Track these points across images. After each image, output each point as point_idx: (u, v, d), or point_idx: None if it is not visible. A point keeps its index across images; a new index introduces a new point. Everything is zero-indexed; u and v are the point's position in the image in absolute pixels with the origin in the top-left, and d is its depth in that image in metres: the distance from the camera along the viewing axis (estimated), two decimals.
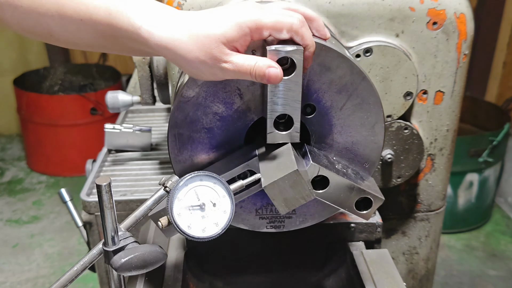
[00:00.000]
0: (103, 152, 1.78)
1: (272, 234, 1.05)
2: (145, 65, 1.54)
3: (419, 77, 1.24)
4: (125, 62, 4.80)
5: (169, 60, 0.84)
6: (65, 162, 4.13)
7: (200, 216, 0.84)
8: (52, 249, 3.37)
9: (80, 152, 4.02)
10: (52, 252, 3.34)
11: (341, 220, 1.27)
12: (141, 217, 0.91)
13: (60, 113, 3.95)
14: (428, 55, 1.22)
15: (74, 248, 3.37)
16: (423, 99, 1.27)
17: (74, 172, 4.12)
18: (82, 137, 4.04)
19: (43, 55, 4.73)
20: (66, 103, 3.97)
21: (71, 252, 3.34)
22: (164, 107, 2.14)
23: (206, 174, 0.85)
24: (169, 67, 1.23)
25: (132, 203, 1.48)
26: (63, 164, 4.14)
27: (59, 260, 3.27)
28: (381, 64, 1.19)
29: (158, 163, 1.70)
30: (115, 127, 1.75)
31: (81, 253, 3.31)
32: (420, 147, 1.31)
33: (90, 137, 3.99)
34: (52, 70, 4.46)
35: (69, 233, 3.51)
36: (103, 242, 0.86)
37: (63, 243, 3.42)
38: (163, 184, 0.88)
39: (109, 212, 0.82)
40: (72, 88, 4.41)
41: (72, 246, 3.40)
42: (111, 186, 0.80)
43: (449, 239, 3.42)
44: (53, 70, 4.46)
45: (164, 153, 1.79)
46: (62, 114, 3.95)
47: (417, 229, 1.49)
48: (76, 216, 1.53)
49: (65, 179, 4.17)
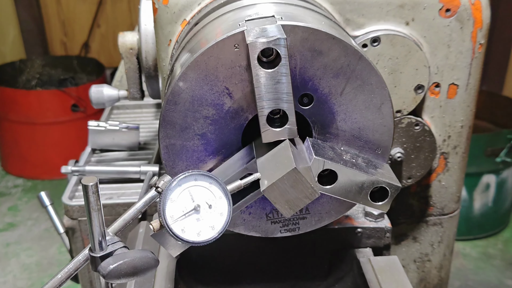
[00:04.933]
0: (86, 152, 1.78)
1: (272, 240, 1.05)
2: (133, 56, 1.54)
3: (431, 68, 1.25)
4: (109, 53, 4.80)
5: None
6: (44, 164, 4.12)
7: (194, 219, 0.85)
8: (29, 259, 3.37)
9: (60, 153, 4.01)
10: (29, 263, 3.34)
11: (347, 224, 1.28)
12: (131, 221, 0.92)
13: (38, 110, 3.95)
14: (440, 44, 1.23)
15: (54, 258, 3.37)
16: (436, 93, 1.29)
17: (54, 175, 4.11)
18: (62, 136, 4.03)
19: (19, 47, 4.72)
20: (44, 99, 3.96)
21: (51, 262, 3.34)
22: (154, 102, 2.15)
23: (201, 173, 0.86)
24: (159, 58, 1.24)
25: (119, 207, 1.49)
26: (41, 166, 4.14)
27: (37, 271, 3.27)
28: (389, 55, 1.20)
29: (146, 163, 1.71)
30: (100, 125, 1.76)
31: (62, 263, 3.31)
32: (432, 145, 1.32)
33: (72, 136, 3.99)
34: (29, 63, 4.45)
35: (48, 241, 3.51)
36: (89, 247, 0.87)
37: (42, 253, 3.42)
38: (154, 184, 0.89)
39: (96, 215, 0.83)
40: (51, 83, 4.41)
41: (52, 255, 3.40)
42: (98, 186, 0.81)
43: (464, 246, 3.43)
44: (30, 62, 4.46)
45: (153, 153, 1.79)
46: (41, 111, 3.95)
47: (429, 235, 1.50)
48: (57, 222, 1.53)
49: (44, 183, 4.17)
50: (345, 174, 0.93)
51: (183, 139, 0.94)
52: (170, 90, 0.91)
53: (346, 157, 0.97)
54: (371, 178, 0.94)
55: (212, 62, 0.90)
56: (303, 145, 0.97)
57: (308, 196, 0.87)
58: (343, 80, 0.94)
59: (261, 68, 0.86)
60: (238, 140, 0.97)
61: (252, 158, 0.94)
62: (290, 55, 0.89)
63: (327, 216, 1.04)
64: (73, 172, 1.65)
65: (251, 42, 0.84)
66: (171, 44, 1.21)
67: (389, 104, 0.97)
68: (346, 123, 0.97)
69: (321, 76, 0.93)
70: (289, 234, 1.04)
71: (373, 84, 0.95)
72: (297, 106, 0.94)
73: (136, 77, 1.58)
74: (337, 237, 1.27)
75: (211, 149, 0.96)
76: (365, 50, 1.19)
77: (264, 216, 1.02)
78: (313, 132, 0.98)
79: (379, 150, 1.00)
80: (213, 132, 0.95)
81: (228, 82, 0.91)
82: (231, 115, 0.94)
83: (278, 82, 0.86)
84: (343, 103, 0.96)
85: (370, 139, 0.99)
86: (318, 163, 0.92)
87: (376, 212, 1.29)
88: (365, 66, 0.93)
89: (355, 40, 1.14)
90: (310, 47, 0.90)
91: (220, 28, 0.96)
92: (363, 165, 0.96)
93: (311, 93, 0.95)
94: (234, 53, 0.89)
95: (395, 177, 0.97)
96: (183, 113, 0.92)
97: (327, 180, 0.94)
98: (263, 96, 0.87)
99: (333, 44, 0.91)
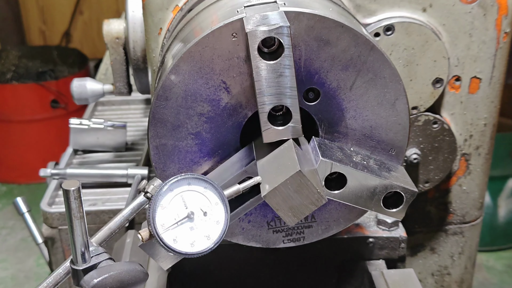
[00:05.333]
0: (68, 153, 1.78)
1: (274, 251, 1.06)
2: (119, 47, 1.54)
3: (450, 60, 1.25)
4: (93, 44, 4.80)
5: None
6: (20, 166, 4.12)
7: (188, 228, 0.85)
8: (4, 272, 3.37)
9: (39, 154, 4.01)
10: (4, 276, 3.34)
11: (357, 233, 1.28)
12: (117, 229, 0.92)
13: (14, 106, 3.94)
14: (461, 33, 1.23)
15: (31, 271, 3.37)
16: (456, 87, 1.29)
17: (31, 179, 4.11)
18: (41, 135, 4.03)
19: None
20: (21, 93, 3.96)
21: (28, 276, 3.33)
22: (142, 98, 2.15)
23: (195, 176, 0.86)
24: (148, 49, 1.24)
25: (103, 215, 1.49)
26: (18, 168, 4.13)
27: (13, 285, 3.27)
28: (405, 45, 1.20)
29: (134, 165, 1.70)
30: (82, 123, 1.76)
31: (40, 276, 3.31)
32: (452, 145, 1.32)
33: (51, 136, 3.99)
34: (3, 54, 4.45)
35: (25, 253, 3.51)
36: (70, 259, 0.86)
37: (18, 265, 3.42)
38: (143, 189, 0.89)
39: (78, 223, 0.82)
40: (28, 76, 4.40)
41: (29, 268, 3.40)
42: (80, 191, 0.80)
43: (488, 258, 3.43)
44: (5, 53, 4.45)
45: (142, 154, 1.79)
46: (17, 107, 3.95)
47: (448, 245, 1.50)
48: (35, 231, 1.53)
49: (21, 187, 4.17)
50: (355, 178, 0.93)
51: (175, 138, 0.94)
52: (160, 84, 0.91)
53: (357, 158, 0.97)
54: (384, 182, 0.94)
55: (207, 53, 0.89)
56: (308, 145, 0.97)
57: (314, 202, 0.87)
58: (353, 73, 0.94)
59: (261, 59, 0.86)
60: (236, 140, 0.97)
61: (252, 159, 0.94)
62: (294, 45, 0.89)
63: (335, 224, 1.04)
64: (52, 176, 1.64)
65: (251, 31, 0.84)
66: (162, 33, 1.21)
67: (404, 100, 0.97)
68: (356, 121, 0.97)
69: (329, 68, 0.93)
70: (293, 244, 1.04)
71: (386, 77, 0.95)
72: (302, 102, 0.94)
73: (123, 70, 1.58)
74: (346, 247, 1.27)
75: (206, 149, 0.96)
76: (378, 39, 1.19)
77: (265, 224, 1.02)
78: (320, 131, 0.98)
79: (393, 151, 1.00)
80: (209, 131, 0.94)
81: (225, 75, 0.91)
82: (228, 112, 0.94)
83: (281, 75, 0.86)
84: (353, 98, 0.96)
85: (383, 138, 0.99)
86: (325, 165, 0.92)
87: (389, 220, 1.29)
88: (378, 58, 0.93)
89: (366, 28, 1.14)
90: (317, 36, 0.90)
91: (216, 15, 0.96)
92: (375, 168, 0.96)
93: (317, 88, 0.94)
94: (231, 43, 0.89)
95: (410, 181, 0.97)
96: (175, 110, 0.92)
97: (335, 185, 0.94)
98: (264, 90, 0.87)
99: (342, 33, 0.91)
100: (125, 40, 1.52)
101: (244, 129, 0.97)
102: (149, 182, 0.89)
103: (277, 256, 1.21)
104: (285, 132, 0.90)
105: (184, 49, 0.90)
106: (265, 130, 0.90)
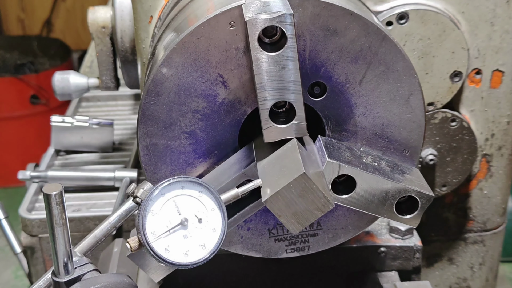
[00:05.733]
0: (49, 153, 1.78)
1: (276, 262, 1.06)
2: (105, 37, 1.55)
3: (470, 51, 1.25)
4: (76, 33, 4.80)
5: None
6: None
7: (181, 236, 0.85)
8: None
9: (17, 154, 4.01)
10: None
11: (367, 242, 1.28)
12: (103, 238, 0.92)
13: None
14: (482, 22, 1.23)
15: (9, 284, 3.37)
16: (476, 81, 1.29)
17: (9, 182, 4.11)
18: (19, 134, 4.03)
19: None
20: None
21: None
22: (131, 93, 2.15)
23: (189, 179, 0.86)
24: (137, 39, 1.25)
25: (88, 221, 1.49)
26: None
27: None
28: (420, 35, 1.21)
29: (122, 167, 1.71)
30: (65, 120, 1.76)
31: None
32: (472, 145, 1.32)
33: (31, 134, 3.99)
34: None
35: (2, 264, 3.51)
36: (52, 271, 0.86)
37: None
38: (132, 193, 0.89)
39: (60, 231, 0.83)
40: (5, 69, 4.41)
41: (6, 280, 3.40)
42: (63, 195, 0.81)
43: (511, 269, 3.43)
44: None
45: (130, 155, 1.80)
46: None
47: (468, 255, 1.50)
48: (13, 240, 1.53)
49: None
50: (365, 181, 0.93)
51: (167, 138, 0.95)
52: (151, 77, 0.91)
53: (367, 160, 0.97)
54: (397, 186, 0.94)
55: (203, 43, 0.90)
56: (314, 145, 0.98)
57: (320, 208, 0.88)
58: (363, 66, 0.94)
59: (262, 51, 0.86)
60: (235, 139, 0.97)
61: (252, 161, 0.94)
62: (298, 35, 0.89)
63: (343, 232, 1.04)
64: (32, 179, 1.65)
65: (250, 19, 0.84)
66: (153, 21, 1.22)
67: (419, 95, 0.97)
68: (366, 118, 0.98)
69: (336, 60, 0.93)
70: (297, 254, 1.04)
71: (399, 70, 0.95)
72: (307, 97, 0.94)
73: (110, 62, 1.58)
74: (356, 258, 1.27)
75: (202, 150, 0.96)
76: (390, 28, 1.19)
77: (266, 232, 1.03)
78: (326, 129, 0.98)
79: (406, 151, 1.00)
80: (204, 129, 0.95)
81: (222, 68, 0.91)
82: (225, 109, 0.94)
83: (284, 68, 0.86)
84: (362, 93, 0.96)
85: (396, 138, 0.99)
86: (333, 167, 0.92)
87: (403, 228, 1.29)
88: (390, 49, 0.93)
89: (377, 16, 1.15)
90: (323, 25, 0.91)
91: (212, 2, 0.96)
92: (387, 170, 0.97)
93: (323, 82, 0.95)
94: (229, 32, 0.89)
95: (426, 185, 0.97)
96: (167, 106, 0.93)
97: (344, 188, 0.94)
98: (265, 85, 0.87)
99: (351, 21, 0.91)
100: (112, 30, 1.53)
101: (243, 128, 0.97)
102: (138, 186, 0.89)
103: (279, 267, 1.21)
104: (288, 130, 0.91)
105: (177, 39, 0.90)
106: (266, 129, 0.90)
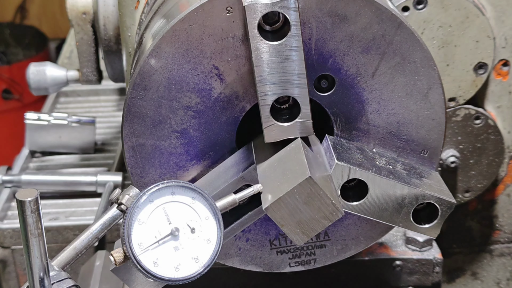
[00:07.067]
0: (23, 155, 1.78)
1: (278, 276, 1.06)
2: (86, 24, 1.54)
3: (496, 40, 1.25)
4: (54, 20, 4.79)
5: None
6: None
7: (172, 248, 0.85)
8: None
9: None
10: None
11: (381, 255, 1.28)
12: (84, 250, 0.92)
13: None
14: (510, 7, 1.23)
15: None
16: (503, 74, 1.29)
17: None
18: None
19: None
20: None
21: None
22: (115, 87, 2.15)
23: (180, 184, 0.86)
24: (122, 26, 1.24)
25: (67, 231, 1.49)
26: None
27: None
28: (440, 22, 1.20)
29: (105, 171, 1.71)
30: (41, 118, 1.76)
31: None
32: (498, 146, 1.32)
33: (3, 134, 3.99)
34: None
35: None
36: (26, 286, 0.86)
37: None
38: (116, 200, 0.89)
39: (36, 242, 0.82)
40: None
41: None
42: (39, 202, 0.81)
43: None
44: None
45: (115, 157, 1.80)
46: None
47: (494, 269, 1.50)
48: None
49: None
50: (378, 186, 0.93)
51: (156, 137, 0.94)
52: (138, 70, 0.91)
53: (380, 162, 0.97)
54: (415, 192, 0.94)
55: (196, 31, 0.89)
56: (321, 146, 0.97)
57: (327, 216, 0.87)
58: (376, 57, 0.94)
59: (263, 39, 0.86)
60: (232, 139, 0.97)
61: (251, 163, 0.94)
62: (303, 22, 0.89)
63: (354, 243, 1.04)
64: (4, 183, 1.65)
65: (249, 4, 0.84)
66: (140, 6, 1.21)
67: (439, 90, 0.97)
68: (380, 115, 0.97)
69: (346, 50, 0.93)
70: (302, 268, 1.04)
71: (417, 61, 0.95)
72: (313, 92, 0.94)
73: (91, 53, 1.58)
74: (368, 272, 1.27)
75: (195, 151, 0.96)
76: (406, 14, 1.19)
77: (267, 243, 1.02)
78: (335, 128, 0.98)
79: (425, 152, 1.00)
80: (197, 128, 0.95)
81: (217, 59, 0.91)
82: (221, 105, 0.94)
83: (287, 59, 0.86)
84: (375, 88, 0.96)
85: (413, 137, 0.99)
86: (342, 170, 0.92)
87: (421, 239, 1.29)
88: (406, 37, 0.93)
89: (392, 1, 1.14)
90: (331, 11, 0.90)
91: None
92: (403, 174, 0.96)
93: (331, 74, 0.95)
94: (225, 19, 0.89)
95: (447, 190, 0.97)
96: (156, 102, 0.92)
97: (354, 194, 0.94)
98: (266, 78, 0.87)
99: (362, 6, 0.91)
100: (93, 16, 1.52)
101: (241, 126, 0.97)
102: (123, 192, 0.89)
103: (282, 282, 1.21)
104: (292, 129, 0.90)
105: (167, 27, 0.90)
106: (267, 127, 0.90)
